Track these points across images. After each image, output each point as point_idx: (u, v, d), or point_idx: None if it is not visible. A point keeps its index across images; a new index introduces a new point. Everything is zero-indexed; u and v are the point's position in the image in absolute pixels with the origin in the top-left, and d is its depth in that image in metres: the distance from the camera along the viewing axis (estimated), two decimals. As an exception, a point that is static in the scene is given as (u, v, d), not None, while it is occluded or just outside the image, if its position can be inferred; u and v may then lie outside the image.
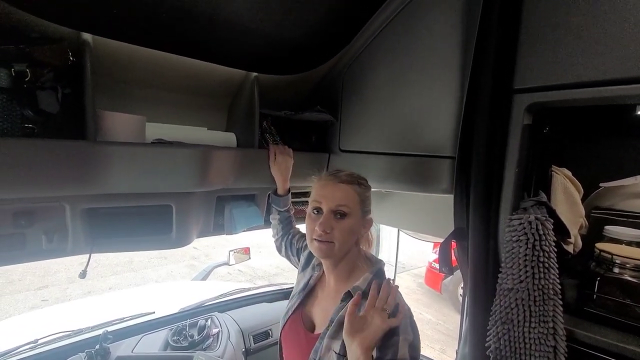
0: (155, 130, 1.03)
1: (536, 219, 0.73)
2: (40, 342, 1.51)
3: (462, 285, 4.51)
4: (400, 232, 2.22)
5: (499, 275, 0.78)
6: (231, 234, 1.30)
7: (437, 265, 4.74)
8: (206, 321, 1.72)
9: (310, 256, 1.06)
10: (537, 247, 0.72)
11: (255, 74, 1.16)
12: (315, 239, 0.85)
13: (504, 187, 0.81)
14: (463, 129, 0.87)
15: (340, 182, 0.87)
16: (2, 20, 0.75)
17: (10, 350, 1.45)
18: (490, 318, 0.79)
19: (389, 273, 2.20)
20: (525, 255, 0.73)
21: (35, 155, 0.77)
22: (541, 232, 0.72)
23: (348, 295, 0.84)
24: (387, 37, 1.13)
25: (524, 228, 0.73)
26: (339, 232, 0.84)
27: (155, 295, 2.40)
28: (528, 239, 0.72)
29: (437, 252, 4.74)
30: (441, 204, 1.40)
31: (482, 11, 0.80)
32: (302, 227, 1.13)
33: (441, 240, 1.66)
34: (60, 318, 2.04)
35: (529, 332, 0.72)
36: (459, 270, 0.98)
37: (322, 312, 0.91)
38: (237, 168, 1.12)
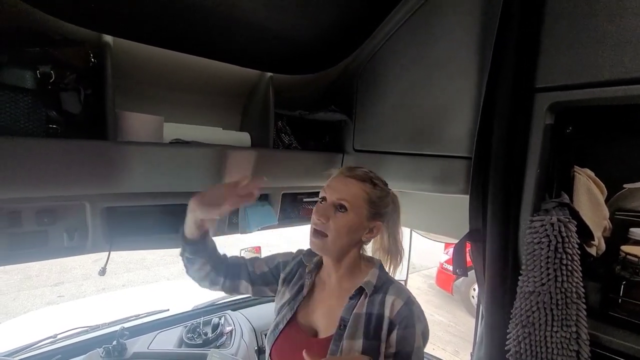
0: (172, 130, 1.04)
1: (559, 220, 0.71)
2: (59, 336, 1.55)
3: (474, 287, 4.45)
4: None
5: (520, 277, 0.76)
6: (245, 233, 1.31)
7: (448, 266, 4.70)
8: (219, 319, 1.74)
9: (297, 266, 0.99)
10: (560, 250, 0.70)
11: (270, 74, 1.16)
12: (312, 226, 0.86)
13: (524, 188, 0.80)
14: (480, 128, 0.86)
15: (351, 177, 0.86)
16: (28, 23, 0.77)
17: (31, 344, 1.49)
18: (510, 321, 0.78)
19: (400, 274, 2.19)
20: (547, 257, 0.71)
21: (58, 155, 0.79)
22: (564, 234, 0.70)
23: (360, 291, 0.85)
24: (402, 36, 1.12)
25: (546, 230, 0.72)
26: (334, 224, 0.82)
27: (169, 292, 2.44)
28: (550, 241, 0.71)
29: (449, 252, 4.72)
30: (455, 205, 1.38)
31: (502, 8, 0.78)
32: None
33: (454, 241, 1.64)
34: (77, 314, 2.09)
35: (551, 336, 0.71)
36: (471, 272, 0.97)
37: (326, 313, 0.88)
38: (252, 167, 1.13)
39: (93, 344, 1.50)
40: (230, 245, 1.04)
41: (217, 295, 1.99)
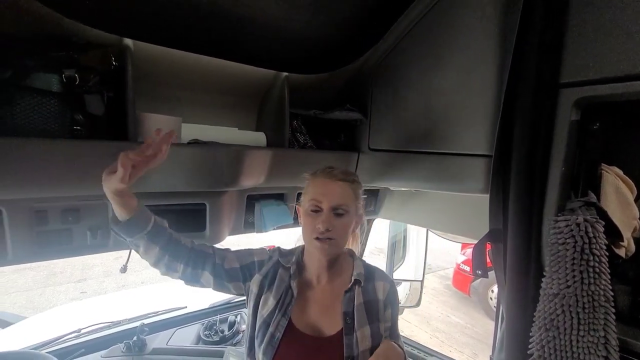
0: (190, 130, 1.06)
1: (585, 220, 0.68)
2: (83, 331, 1.61)
3: (492, 288, 4.35)
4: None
5: (543, 279, 0.74)
6: (261, 232, 1.32)
7: (465, 267, 4.61)
8: (235, 317, 1.76)
9: (274, 267, 0.94)
10: (587, 251, 0.67)
11: (285, 73, 1.16)
12: (316, 238, 0.85)
13: (548, 187, 0.77)
14: (501, 126, 0.83)
15: (337, 180, 0.89)
16: (53, 29, 0.80)
17: (57, 338, 1.55)
18: (532, 324, 0.75)
19: (416, 274, 2.16)
20: (573, 259, 0.68)
21: (83, 156, 0.81)
22: (591, 235, 0.67)
23: (355, 283, 0.92)
24: (419, 33, 1.10)
25: (572, 230, 0.69)
26: (340, 229, 0.86)
27: (187, 290, 2.48)
28: (576, 242, 0.68)
29: (465, 253, 4.63)
30: (473, 204, 1.36)
31: (524, 0, 0.76)
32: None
33: (471, 241, 1.60)
34: (98, 310, 2.16)
35: (577, 341, 0.68)
36: (490, 273, 0.94)
37: (324, 311, 0.90)
38: (267, 167, 1.14)
39: (114, 339, 1.54)
40: (245, 245, 1.04)
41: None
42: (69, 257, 1.01)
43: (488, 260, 0.95)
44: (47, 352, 1.32)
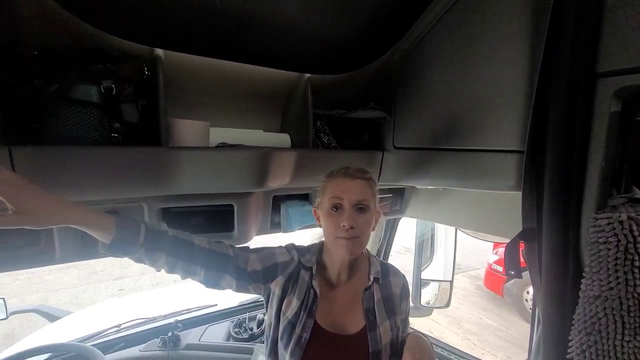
0: (217, 134, 1.10)
1: (629, 218, 0.64)
2: (122, 326, 1.71)
3: (527, 289, 4.16)
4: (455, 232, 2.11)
5: (583, 280, 0.70)
6: (287, 232, 1.34)
7: (497, 267, 4.44)
8: (264, 315, 1.80)
9: (297, 268, 0.93)
10: (631, 250, 0.63)
11: (307, 75, 1.18)
12: (340, 237, 0.85)
13: (586, 183, 0.73)
14: (534, 120, 0.80)
15: (354, 177, 0.90)
16: (91, 42, 0.86)
17: (99, 332, 1.65)
18: (572, 327, 0.71)
19: (446, 274, 2.11)
20: (616, 259, 0.64)
21: (121, 161, 0.86)
22: (636, 233, 0.63)
23: (374, 281, 0.95)
24: (444, 27, 1.07)
25: (614, 229, 0.65)
26: (364, 226, 0.87)
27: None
28: (619, 241, 0.64)
29: (497, 252, 4.45)
30: (504, 202, 1.31)
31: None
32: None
33: (503, 240, 1.54)
34: (136, 306, 2.28)
35: (622, 346, 0.64)
36: (525, 273, 0.90)
37: (347, 309, 0.92)
38: (292, 168, 1.15)
39: (152, 334, 1.63)
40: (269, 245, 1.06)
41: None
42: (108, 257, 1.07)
43: (522, 260, 0.91)
44: (90, 345, 1.41)
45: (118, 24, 0.86)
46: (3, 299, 1.70)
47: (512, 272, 0.91)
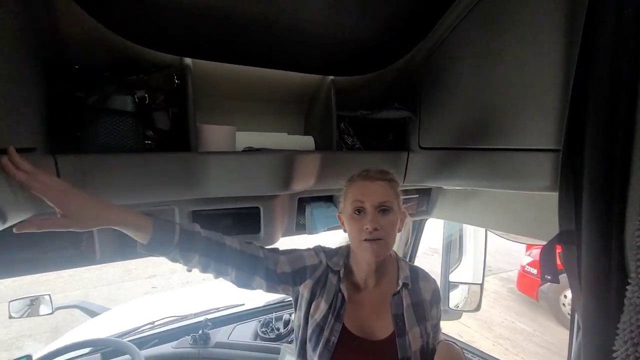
0: (243, 138, 1.12)
1: (681, 221, 0.59)
2: (156, 323, 1.78)
3: (564, 294, 3.94)
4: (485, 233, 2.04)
5: (628, 287, 0.65)
6: (312, 234, 1.35)
7: (531, 269, 4.24)
8: (290, 316, 1.82)
9: (325, 271, 0.93)
10: (684, 256, 0.58)
11: (330, 77, 1.18)
12: (364, 240, 0.84)
13: (631, 183, 0.68)
14: (570, 116, 0.75)
15: (375, 179, 0.89)
16: (123, 55, 0.90)
17: (135, 329, 1.73)
18: (616, 337, 0.67)
19: (476, 276, 2.04)
20: (666, 264, 0.60)
21: (153, 167, 0.91)
22: (688, 237, 0.58)
23: (403, 286, 0.92)
24: (469, 25, 1.04)
25: (663, 232, 0.60)
26: (388, 227, 0.85)
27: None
28: (669, 245, 0.59)
29: (531, 254, 4.25)
30: (537, 202, 1.25)
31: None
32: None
33: (536, 241, 1.46)
34: (167, 304, 2.37)
35: (674, 359, 0.60)
36: (562, 276, 0.86)
37: (375, 314, 0.90)
38: (317, 170, 1.16)
39: (183, 332, 1.69)
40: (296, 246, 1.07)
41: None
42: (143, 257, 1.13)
43: (558, 263, 0.87)
44: (127, 341, 1.48)
45: (149, 37, 0.90)
46: (49, 295, 1.82)
47: (549, 277, 0.87)
